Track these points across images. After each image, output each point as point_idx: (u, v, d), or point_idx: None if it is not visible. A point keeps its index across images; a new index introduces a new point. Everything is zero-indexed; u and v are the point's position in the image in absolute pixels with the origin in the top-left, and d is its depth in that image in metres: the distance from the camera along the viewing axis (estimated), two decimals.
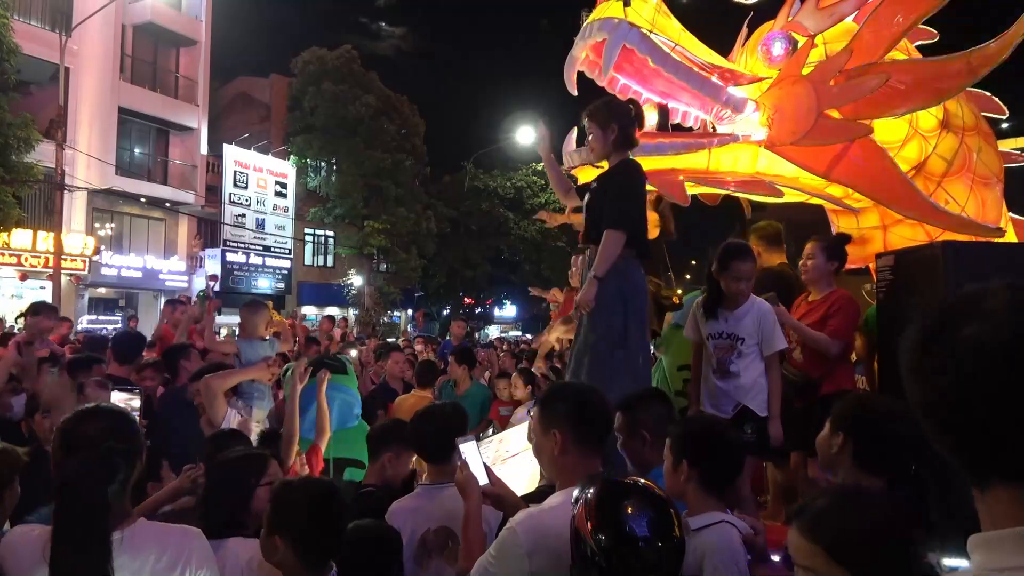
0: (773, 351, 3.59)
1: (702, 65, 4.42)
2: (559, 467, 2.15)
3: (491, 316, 40.80)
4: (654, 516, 1.57)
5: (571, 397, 2.26)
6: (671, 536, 1.58)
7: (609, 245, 3.50)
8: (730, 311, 3.63)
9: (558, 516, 2.02)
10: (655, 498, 1.63)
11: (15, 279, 19.35)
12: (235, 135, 27.53)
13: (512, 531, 2.00)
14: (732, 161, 4.67)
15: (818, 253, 4.08)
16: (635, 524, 1.54)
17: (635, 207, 3.66)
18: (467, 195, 34.12)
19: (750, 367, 3.56)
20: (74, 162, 19.86)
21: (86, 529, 1.83)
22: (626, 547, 1.54)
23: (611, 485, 1.68)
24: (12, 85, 16.66)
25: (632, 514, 1.55)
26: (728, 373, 3.59)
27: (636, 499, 1.60)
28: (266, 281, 27.47)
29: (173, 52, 25.30)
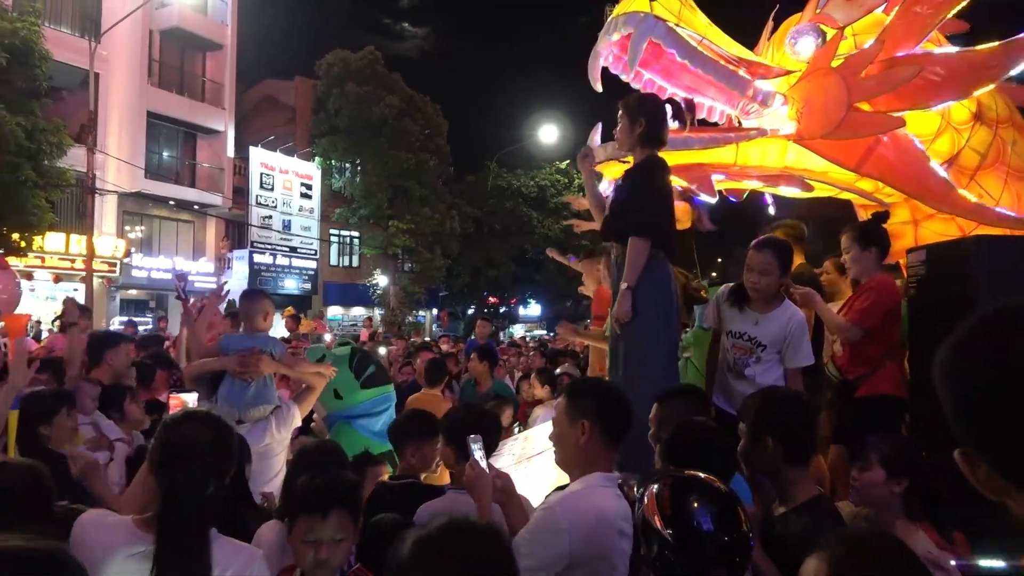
0: (796, 365, 3.41)
1: (729, 59, 4.37)
2: (582, 456, 2.24)
3: (515, 315, 40.78)
4: (719, 511, 1.60)
5: (601, 392, 2.36)
6: (737, 530, 1.59)
7: (636, 254, 3.46)
8: (760, 312, 3.45)
9: (591, 498, 2.11)
10: (720, 493, 1.66)
11: (49, 281, 19.72)
12: (261, 137, 27.81)
13: (551, 510, 2.08)
14: (760, 155, 4.62)
15: (852, 244, 3.90)
16: (701, 519, 1.57)
17: (659, 210, 3.59)
18: (491, 194, 34.15)
19: (766, 374, 3.40)
20: (104, 166, 20.20)
21: (189, 537, 1.90)
22: (693, 541, 1.57)
23: (677, 480, 1.71)
24: (44, 91, 16.95)
25: (698, 509, 1.59)
26: (742, 375, 3.47)
27: (701, 494, 1.63)
28: (293, 282, 27.73)
29: (200, 56, 25.63)
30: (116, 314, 21.96)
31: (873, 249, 3.85)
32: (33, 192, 16.10)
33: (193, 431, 2.00)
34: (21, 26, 15.77)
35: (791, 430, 2.25)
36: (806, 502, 2.20)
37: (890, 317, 3.78)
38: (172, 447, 1.99)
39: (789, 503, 2.24)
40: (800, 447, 2.26)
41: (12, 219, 15.98)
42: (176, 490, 1.93)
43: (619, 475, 2.28)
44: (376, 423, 4.33)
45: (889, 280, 3.87)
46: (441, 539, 1.41)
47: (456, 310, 35.97)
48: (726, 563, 1.56)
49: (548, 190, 35.37)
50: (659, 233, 3.54)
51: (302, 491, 2.19)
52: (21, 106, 15.76)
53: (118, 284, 22.39)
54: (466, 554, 1.39)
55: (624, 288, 3.45)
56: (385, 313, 29.74)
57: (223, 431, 2.08)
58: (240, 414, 3.80)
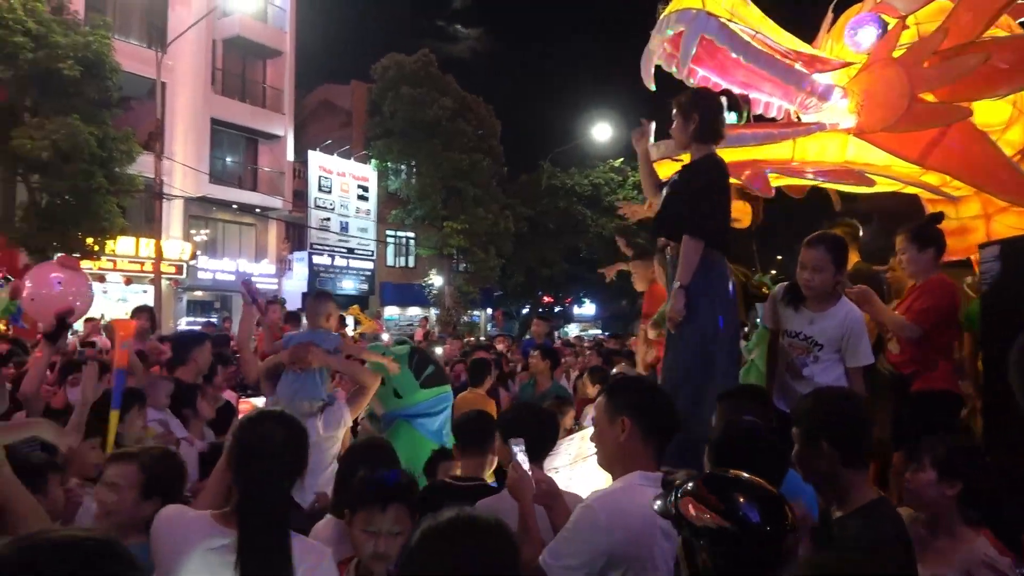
0: (857, 365, 3.33)
1: (785, 53, 4.28)
2: (622, 454, 2.22)
3: (570, 314, 40.66)
4: (764, 505, 1.58)
5: (639, 388, 2.35)
6: (783, 523, 1.58)
7: (689, 254, 3.42)
8: (814, 311, 3.38)
9: (632, 497, 2.08)
10: (764, 489, 1.65)
11: (120, 283, 20.55)
12: (319, 141, 28.42)
13: (591, 508, 2.06)
14: (819, 151, 4.51)
15: (908, 245, 3.82)
16: (748, 512, 1.56)
17: (714, 208, 3.53)
18: (544, 194, 34.13)
19: (825, 373, 3.33)
20: (171, 172, 20.94)
21: (270, 533, 1.97)
22: (742, 533, 1.54)
23: (718, 476, 1.72)
24: (115, 102, 17.69)
25: (744, 503, 1.57)
26: (800, 376, 3.40)
27: (746, 489, 1.62)
28: (350, 282, 28.26)
29: (260, 63, 26.33)
30: (183, 315, 22.76)
31: (930, 250, 3.80)
32: (105, 198, 16.82)
33: (268, 431, 2.09)
34: (93, 39, 16.48)
35: (846, 433, 2.19)
36: (864, 506, 2.15)
37: (948, 317, 3.75)
38: (249, 446, 2.08)
39: (846, 507, 2.19)
40: (856, 450, 2.19)
41: (86, 224, 16.72)
42: (254, 488, 2.01)
43: (663, 472, 2.25)
44: (434, 423, 4.38)
45: (947, 281, 3.82)
46: (445, 531, 1.48)
47: (511, 310, 36.06)
48: (770, 557, 1.54)
49: (602, 188, 35.14)
50: (714, 232, 3.49)
51: (363, 485, 2.28)
52: (93, 116, 16.48)
53: (184, 286, 23.19)
54: (467, 547, 1.45)
55: (677, 287, 3.42)
56: (440, 313, 30.04)
57: (296, 430, 2.15)
58: (285, 406, 3.87)
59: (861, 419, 2.24)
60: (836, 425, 2.19)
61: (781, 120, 4.67)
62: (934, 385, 3.69)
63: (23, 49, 15.26)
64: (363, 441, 2.93)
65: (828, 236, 3.47)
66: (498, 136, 32.18)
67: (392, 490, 2.24)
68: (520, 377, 7.96)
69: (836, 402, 2.35)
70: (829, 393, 2.58)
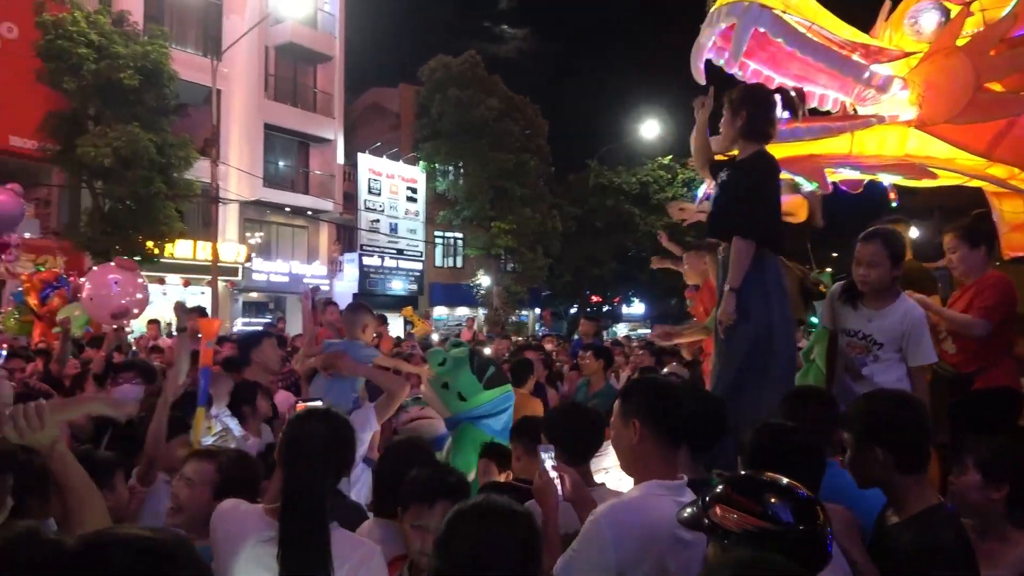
0: (919, 364, 3.21)
1: (841, 44, 4.15)
2: (635, 458, 2.17)
3: (619, 314, 40.35)
4: (796, 506, 1.54)
5: (650, 389, 2.27)
6: (815, 523, 1.53)
7: (739, 255, 3.34)
8: (873, 308, 3.28)
9: (645, 507, 2.02)
10: (797, 490, 1.60)
11: (179, 286, 21.19)
12: (368, 144, 28.82)
13: (596, 523, 2.00)
14: (878, 144, 4.37)
15: (959, 244, 3.74)
16: (780, 511, 1.52)
17: (763, 209, 3.43)
18: (592, 193, 33.98)
19: (885, 373, 3.23)
20: (226, 176, 21.49)
21: (309, 527, 2.01)
22: (785, 532, 1.50)
23: (749, 479, 1.69)
24: (172, 109, 18.26)
25: (776, 503, 1.53)
26: (860, 376, 3.30)
27: (777, 490, 1.58)
28: (400, 283, 28.59)
29: (311, 69, 26.82)
30: (239, 316, 23.33)
31: (983, 247, 3.77)
32: (164, 203, 17.38)
33: (313, 428, 2.14)
34: (151, 49, 17.04)
35: (901, 438, 2.09)
36: (921, 512, 2.06)
37: (1010, 313, 3.66)
38: (294, 443, 2.13)
39: (903, 513, 2.10)
40: (912, 455, 2.10)
41: (146, 228, 17.30)
42: (295, 483, 2.06)
43: (717, 474, 2.20)
44: (498, 422, 4.37)
45: (1006, 277, 3.73)
46: (469, 515, 1.60)
47: (559, 309, 35.98)
48: (801, 557, 1.49)
49: (651, 186, 34.80)
50: (764, 232, 3.40)
51: (414, 481, 2.31)
52: (152, 123, 17.04)
53: (240, 287, 23.77)
54: (490, 531, 1.57)
55: (728, 290, 3.35)
56: (488, 313, 30.15)
57: (341, 428, 2.21)
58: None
59: (917, 423, 2.14)
60: (890, 430, 2.10)
61: (837, 113, 4.54)
62: (996, 383, 3.62)
63: (86, 60, 15.87)
64: (400, 441, 2.94)
65: (883, 231, 3.37)
66: (545, 135, 32.15)
67: (440, 487, 2.28)
68: (570, 377, 7.91)
69: (890, 406, 2.23)
70: (883, 396, 2.48)
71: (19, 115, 17.10)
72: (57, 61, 15.84)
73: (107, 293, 4.22)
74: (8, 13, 17.61)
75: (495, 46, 67.66)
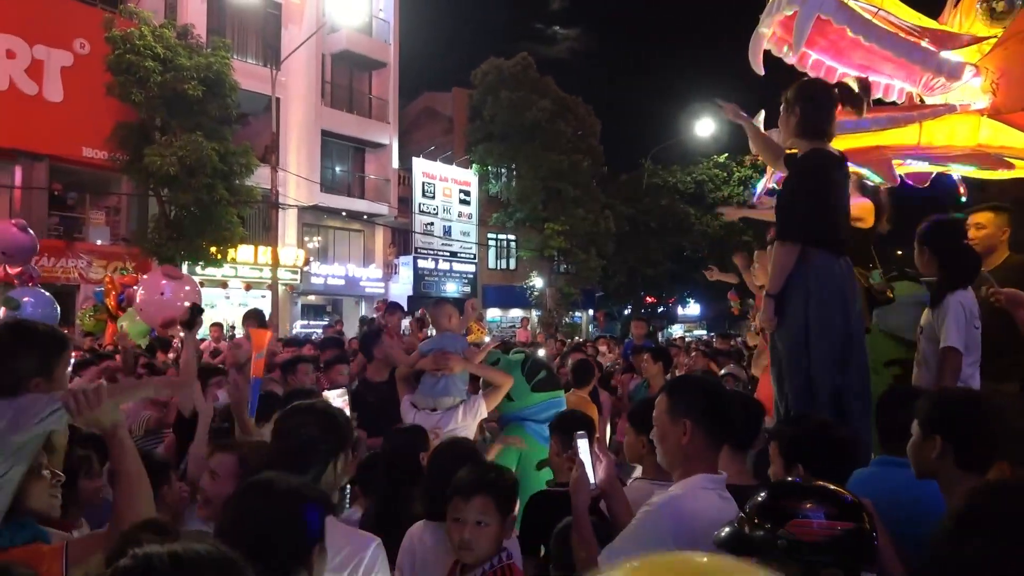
0: (941, 346, 3.31)
1: (909, 30, 4.00)
2: (685, 456, 2.18)
3: (674, 315, 39.80)
4: (832, 510, 1.54)
5: (700, 390, 2.28)
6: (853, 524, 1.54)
7: (778, 259, 3.24)
8: (936, 304, 3.40)
9: (696, 502, 2.06)
10: (835, 495, 1.61)
11: (241, 290, 21.77)
12: (422, 148, 29.15)
13: (657, 512, 2.03)
14: (948, 134, 4.19)
15: None
16: (813, 516, 1.53)
17: (812, 208, 3.27)
18: (646, 192, 33.60)
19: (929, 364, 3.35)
20: (285, 183, 22.01)
21: None
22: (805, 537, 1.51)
23: (787, 485, 1.74)
24: (234, 118, 18.80)
25: (811, 509, 1.55)
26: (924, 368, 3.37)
27: (815, 497, 1.59)
28: (453, 285, 28.81)
29: (366, 75, 27.28)
30: (297, 319, 23.85)
31: None
32: (226, 209, 17.91)
33: (296, 423, 2.34)
34: (214, 61, 17.59)
35: (963, 431, 2.05)
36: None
37: None
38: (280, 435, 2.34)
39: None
40: (972, 451, 2.04)
41: (209, 234, 17.84)
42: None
43: (724, 474, 2.20)
44: (545, 428, 4.48)
45: None
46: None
47: (613, 310, 35.69)
48: (839, 560, 1.49)
49: (706, 185, 34.27)
50: (810, 231, 3.25)
51: (456, 478, 2.38)
52: (215, 132, 17.59)
53: (299, 291, 24.30)
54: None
55: (765, 295, 3.26)
56: (542, 314, 30.11)
57: (329, 420, 2.36)
58: (434, 402, 4.32)
59: (982, 419, 2.08)
60: (954, 421, 2.07)
61: (904, 103, 4.37)
62: None
63: (153, 73, 16.47)
64: (448, 444, 2.98)
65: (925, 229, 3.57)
66: (598, 136, 31.96)
67: (478, 481, 2.33)
68: (621, 380, 7.82)
69: (959, 399, 2.23)
70: (955, 389, 2.52)
71: (91, 127, 17.85)
72: (126, 74, 16.48)
73: (157, 301, 4.38)
74: (80, 30, 18.40)
75: (547, 47, 67.74)
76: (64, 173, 19.32)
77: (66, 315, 16.76)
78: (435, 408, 4.31)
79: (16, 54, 17.75)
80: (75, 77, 18.33)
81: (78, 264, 18.54)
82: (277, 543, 1.64)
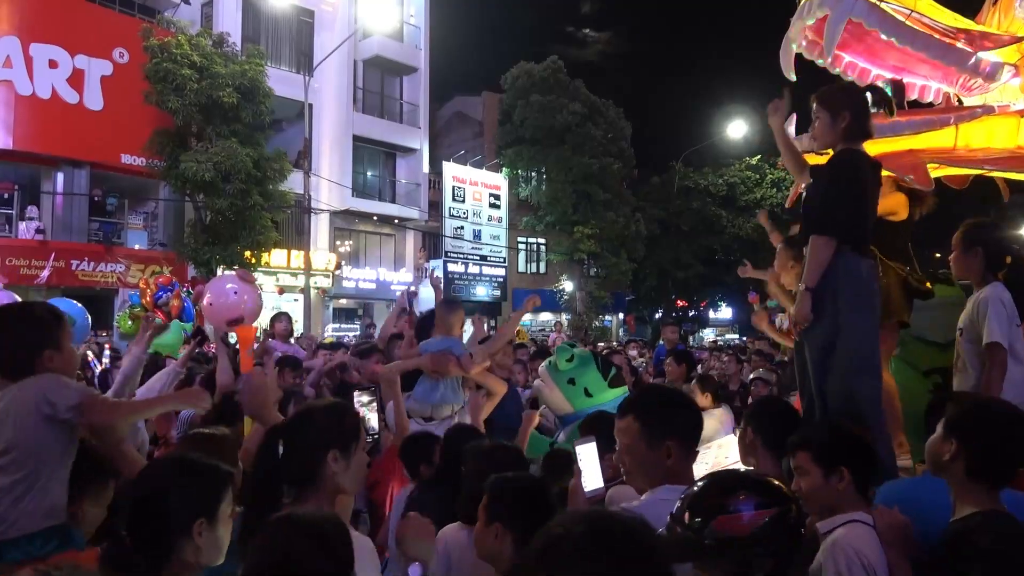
0: (984, 342, 3.25)
1: (944, 31, 3.92)
2: (667, 474, 2.16)
3: (705, 318, 39.39)
4: (762, 501, 1.54)
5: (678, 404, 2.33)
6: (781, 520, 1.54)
7: (815, 252, 3.17)
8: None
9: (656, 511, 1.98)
10: (766, 484, 1.61)
11: (274, 293, 22.08)
12: (452, 152, 29.30)
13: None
14: (986, 136, 4.10)
15: None
16: (744, 508, 1.53)
17: (845, 204, 3.21)
18: (677, 195, 33.37)
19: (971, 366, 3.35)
20: (318, 187, 22.28)
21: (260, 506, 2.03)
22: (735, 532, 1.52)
23: (721, 476, 1.73)
24: (268, 124, 19.09)
25: (743, 500, 1.54)
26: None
27: (747, 487, 1.60)
28: (483, 289, 28.89)
29: (397, 80, 27.52)
30: (329, 322, 24.09)
31: None
32: (260, 214, 18.18)
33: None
34: (248, 68, 17.88)
35: (977, 437, 2.02)
36: (967, 516, 2.01)
37: None
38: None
39: (960, 513, 2.05)
40: (984, 463, 2.02)
41: (244, 238, 18.12)
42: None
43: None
44: None
45: None
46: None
47: (643, 314, 35.46)
48: (771, 552, 1.49)
49: (738, 187, 33.92)
50: (847, 228, 3.21)
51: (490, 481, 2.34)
52: (249, 138, 17.88)
53: (331, 294, 24.56)
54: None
55: (803, 289, 3.19)
56: (572, 318, 30.03)
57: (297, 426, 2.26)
58: (431, 411, 4.05)
59: (1004, 435, 2.03)
60: (974, 430, 2.04)
61: (940, 105, 4.29)
62: None
63: (189, 81, 16.79)
64: (488, 448, 2.92)
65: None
66: (628, 138, 31.83)
67: (506, 488, 2.29)
68: None
69: (988, 410, 2.17)
70: (992, 402, 2.44)
71: (129, 134, 18.24)
72: (163, 82, 16.83)
73: (226, 301, 4.47)
74: (120, 39, 18.83)
75: (577, 50, 67.60)
76: (104, 179, 19.80)
77: (106, 318, 17.25)
78: (431, 417, 4.01)
79: (58, 64, 18.22)
80: (114, 86, 18.75)
81: (116, 269, 18.96)
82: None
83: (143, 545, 1.75)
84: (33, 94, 17.87)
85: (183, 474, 1.87)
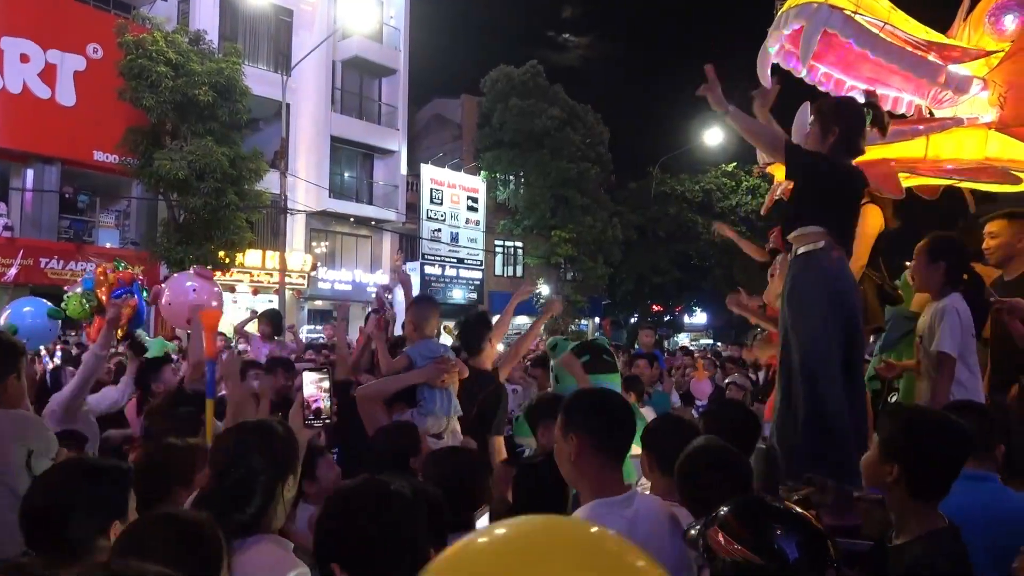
0: (932, 349, 3.31)
1: (916, 44, 4.01)
2: (579, 475, 2.14)
3: (681, 323, 39.74)
4: (803, 539, 1.47)
5: (590, 403, 2.23)
6: (824, 559, 1.47)
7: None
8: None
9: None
10: (803, 520, 1.53)
11: (249, 294, 21.85)
12: (431, 154, 29.23)
13: None
14: (955, 147, 4.19)
15: None
16: (785, 545, 1.45)
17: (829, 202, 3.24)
18: (654, 201, 33.62)
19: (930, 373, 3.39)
20: (294, 188, 22.10)
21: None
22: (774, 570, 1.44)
23: (753, 504, 1.63)
24: (244, 123, 18.90)
25: (781, 536, 1.47)
26: None
27: (785, 521, 1.51)
28: (460, 292, 28.85)
29: (376, 82, 27.41)
30: (304, 323, 23.88)
31: None
32: (235, 214, 17.99)
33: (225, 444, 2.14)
34: (225, 66, 17.69)
35: (918, 458, 1.98)
36: (922, 536, 1.97)
37: None
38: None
39: (906, 535, 2.02)
40: (928, 482, 1.99)
41: (218, 238, 17.92)
42: None
43: (630, 491, 2.13)
44: None
45: None
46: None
47: (619, 318, 35.64)
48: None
49: (714, 194, 34.23)
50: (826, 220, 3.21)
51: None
52: (225, 137, 17.69)
53: (306, 295, 24.38)
54: None
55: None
56: (548, 322, 30.03)
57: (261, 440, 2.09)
58: (446, 423, 3.76)
59: (944, 446, 1.99)
60: (909, 447, 1.99)
61: (912, 116, 4.38)
62: None
63: (165, 78, 16.58)
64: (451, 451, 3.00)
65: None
66: (606, 144, 32.01)
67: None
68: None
69: (924, 419, 2.11)
70: (922, 409, 2.42)
71: (102, 131, 17.97)
72: (137, 79, 16.59)
73: (184, 300, 4.40)
74: (94, 35, 18.55)
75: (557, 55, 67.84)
76: (75, 176, 19.47)
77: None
78: (440, 434, 3.67)
79: (30, 58, 17.90)
80: (88, 81, 18.47)
81: (87, 267, 18.64)
82: None
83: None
84: (4, 89, 17.54)
85: (87, 481, 1.88)
